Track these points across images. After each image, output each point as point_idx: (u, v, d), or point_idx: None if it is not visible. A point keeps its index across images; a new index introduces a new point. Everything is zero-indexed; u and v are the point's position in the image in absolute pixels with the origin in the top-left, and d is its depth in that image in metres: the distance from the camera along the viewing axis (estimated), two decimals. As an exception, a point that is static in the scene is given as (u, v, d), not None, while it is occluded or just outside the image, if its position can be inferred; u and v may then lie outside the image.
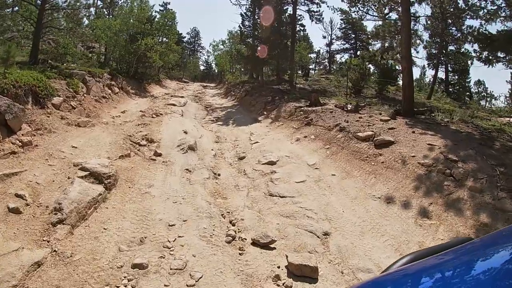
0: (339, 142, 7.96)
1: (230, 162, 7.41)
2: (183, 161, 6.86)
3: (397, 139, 7.48)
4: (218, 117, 13.84)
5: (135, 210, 4.38)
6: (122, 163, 5.88)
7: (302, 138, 8.68)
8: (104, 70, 14.79)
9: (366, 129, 8.17)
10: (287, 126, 10.19)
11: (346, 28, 39.45)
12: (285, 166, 6.81)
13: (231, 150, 8.62)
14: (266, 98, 14.26)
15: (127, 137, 7.72)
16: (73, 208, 3.89)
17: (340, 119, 9.12)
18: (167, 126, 9.66)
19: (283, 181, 6.01)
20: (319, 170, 6.72)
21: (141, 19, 18.40)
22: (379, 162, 6.82)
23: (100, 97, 11.29)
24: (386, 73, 18.33)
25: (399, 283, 0.91)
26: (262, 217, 4.77)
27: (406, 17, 10.47)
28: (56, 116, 7.42)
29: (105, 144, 6.61)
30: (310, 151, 7.81)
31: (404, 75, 10.30)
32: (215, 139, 9.72)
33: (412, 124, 8.62)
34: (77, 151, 5.91)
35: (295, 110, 10.88)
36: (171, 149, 7.51)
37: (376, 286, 0.92)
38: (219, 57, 31.06)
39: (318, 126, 9.08)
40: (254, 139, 9.46)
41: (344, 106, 10.37)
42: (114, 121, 9.47)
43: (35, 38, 11.51)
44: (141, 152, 6.91)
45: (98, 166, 4.98)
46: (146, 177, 5.56)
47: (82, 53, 19.71)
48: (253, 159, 7.54)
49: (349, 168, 6.83)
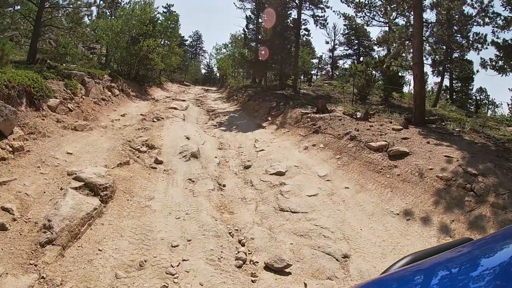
0: (351, 152, 7.55)
1: (235, 172, 6.99)
2: (185, 169, 6.43)
3: (412, 150, 7.10)
4: (220, 122, 13.43)
5: (134, 227, 3.94)
6: (121, 171, 5.44)
7: (310, 146, 8.27)
8: (105, 71, 14.39)
9: (379, 139, 7.78)
10: (293, 134, 9.78)
11: (349, 34, 39.32)
12: (294, 177, 6.38)
13: (236, 158, 8.19)
14: (270, 104, 13.87)
15: (126, 142, 7.30)
16: (64, 226, 3.45)
17: (350, 127, 8.72)
18: (168, 131, 9.24)
19: (294, 194, 5.58)
20: (331, 182, 6.30)
21: (143, 20, 18.05)
22: (395, 175, 6.42)
23: (99, 99, 10.87)
24: (392, 80, 18.01)
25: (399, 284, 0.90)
26: (274, 235, 4.34)
27: (418, 23, 10.13)
28: (52, 119, 7.00)
29: (102, 150, 6.17)
30: (320, 161, 7.40)
31: (416, 83, 9.93)
32: (218, 146, 9.29)
33: (425, 134, 8.25)
34: (72, 158, 5.47)
35: (302, 116, 10.48)
36: (173, 156, 7.09)
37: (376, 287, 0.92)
38: (222, 60, 30.71)
39: (327, 134, 8.67)
40: (259, 146, 9.04)
41: (353, 114, 9.98)
42: (113, 125, 9.04)
43: (34, 37, 11.12)
44: (141, 160, 6.48)
45: (94, 176, 4.55)
46: (146, 188, 5.13)
47: (83, 53, 19.37)
48: (259, 168, 7.11)
49: (363, 181, 6.42)
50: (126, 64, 19.12)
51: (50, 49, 15.39)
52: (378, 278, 0.98)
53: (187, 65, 41.38)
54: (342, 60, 40.96)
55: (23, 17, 12.34)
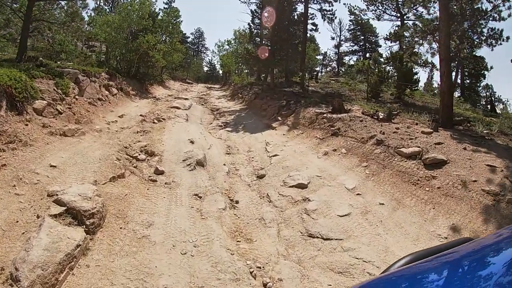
0: (379, 159, 6.61)
1: (248, 182, 6.06)
2: (190, 181, 5.51)
3: (449, 158, 6.18)
4: (226, 122, 12.50)
5: (128, 269, 3.03)
6: (113, 188, 4.53)
7: (330, 151, 7.33)
8: (102, 69, 13.48)
9: (410, 144, 6.84)
10: (308, 136, 8.83)
11: (355, 30, 38.20)
12: (319, 190, 5.45)
13: (246, 164, 7.28)
14: (279, 102, 12.91)
15: (122, 149, 6.39)
16: (35, 277, 2.55)
17: (374, 129, 7.77)
18: (170, 134, 8.32)
19: (322, 214, 4.66)
20: (362, 197, 5.37)
21: (143, 15, 17.08)
22: (435, 188, 5.50)
23: (95, 99, 9.96)
24: (406, 76, 17.00)
25: (398, 283, 0.89)
26: (306, 273, 3.42)
27: (445, 15, 9.12)
28: (37, 124, 6.09)
29: (93, 160, 5.26)
30: (344, 169, 6.46)
31: (444, 80, 8.94)
32: (226, 150, 8.37)
33: (458, 138, 7.31)
34: (55, 172, 4.57)
35: (317, 117, 9.53)
36: (176, 165, 6.17)
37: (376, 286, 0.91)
38: (225, 57, 29.66)
39: (348, 137, 7.73)
40: (272, 150, 8.11)
41: (374, 114, 9.02)
42: (109, 128, 8.14)
43: (23, 32, 10.21)
44: (138, 170, 5.57)
45: (79, 199, 3.64)
46: (144, 210, 4.21)
47: (81, 51, 18.44)
48: (275, 178, 6.18)
49: (399, 195, 5.48)
50: (126, 61, 18.17)
51: (46, 46, 14.52)
52: (378, 278, 0.96)
53: (189, 62, 40.35)
54: (348, 56, 39.97)
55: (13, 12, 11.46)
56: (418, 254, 1.05)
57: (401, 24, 17.87)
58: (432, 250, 1.07)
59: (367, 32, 38.82)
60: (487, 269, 0.84)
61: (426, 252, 1.06)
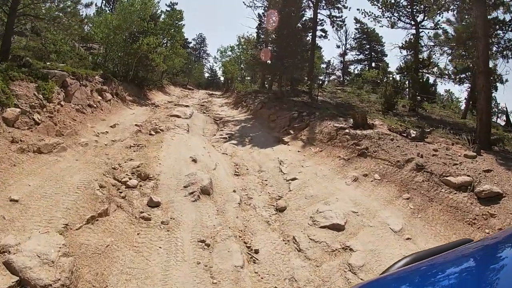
0: (422, 190, 5.44)
1: (265, 217, 4.85)
2: (194, 218, 4.30)
3: (504, 190, 5.10)
4: (231, 134, 11.31)
5: None
6: (91, 236, 3.31)
7: (360, 176, 6.14)
8: (96, 72, 12.32)
9: (456, 171, 5.70)
10: (329, 155, 7.65)
11: (361, 38, 37.40)
12: (359, 233, 4.25)
13: (260, 190, 6.08)
14: (290, 113, 11.75)
15: (109, 170, 5.19)
16: None
17: (409, 151, 6.62)
18: (169, 150, 7.13)
19: (373, 272, 3.45)
20: (413, 243, 4.17)
21: (143, 17, 16.00)
22: (495, 230, 4.39)
23: (84, 105, 8.77)
24: (422, 88, 15.98)
25: (398, 283, 0.89)
26: None
27: (483, 22, 8.06)
28: (5, 137, 4.89)
29: (69, 189, 4.04)
30: (383, 202, 5.28)
31: (482, 96, 7.82)
32: (233, 169, 7.18)
33: (504, 164, 6.21)
34: (15, 210, 3.35)
35: (337, 132, 8.36)
36: (175, 193, 4.97)
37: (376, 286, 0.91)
38: (228, 63, 28.56)
39: (380, 159, 6.56)
40: (288, 171, 6.93)
41: (404, 131, 7.88)
42: (97, 141, 6.93)
43: (7, 28, 9.04)
44: (127, 202, 4.35)
45: (36, 264, 2.44)
46: (132, 273, 2.99)
47: (77, 52, 17.30)
48: (299, 212, 4.98)
49: (456, 239, 4.29)
50: (124, 64, 17.05)
51: (38, 46, 13.38)
52: (378, 278, 0.95)
53: (191, 68, 39.29)
54: (353, 65, 39.10)
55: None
56: (418, 255, 1.03)
57: (416, 32, 16.91)
58: (431, 251, 1.04)
59: (373, 40, 38.09)
60: (487, 270, 0.82)
61: (425, 253, 1.04)
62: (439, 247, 1.10)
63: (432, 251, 1.05)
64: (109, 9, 28.65)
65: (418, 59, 16.84)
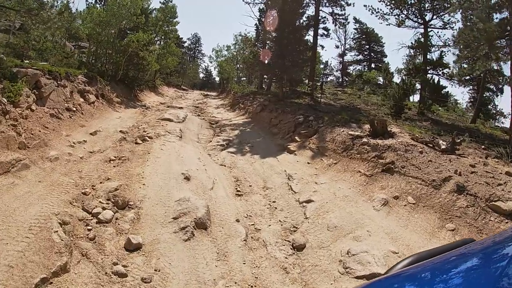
0: (468, 218, 4.38)
1: (281, 260, 3.72)
2: (186, 269, 3.17)
3: None
4: (229, 140, 10.15)
5: None
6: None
7: (391, 199, 5.05)
8: (80, 71, 11.09)
9: (503, 193, 4.67)
10: (347, 169, 6.54)
11: (360, 39, 36.49)
12: None
13: (269, 217, 4.95)
14: (295, 117, 10.63)
15: (78, 197, 4.02)
16: None
17: (444, 167, 5.54)
18: (156, 164, 5.96)
19: None
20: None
21: (134, 11, 14.77)
22: None
23: (61, 109, 7.56)
24: (434, 91, 15.05)
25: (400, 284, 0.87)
26: None
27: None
28: None
29: (19, 231, 2.87)
30: (423, 234, 4.19)
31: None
32: (234, 187, 6.04)
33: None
34: None
35: (352, 141, 7.27)
36: (162, 228, 3.82)
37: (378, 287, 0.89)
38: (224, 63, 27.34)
39: (411, 177, 5.47)
40: (300, 190, 5.81)
41: (431, 142, 6.82)
42: (71, 154, 5.73)
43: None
44: (96, 248, 3.19)
45: None
46: None
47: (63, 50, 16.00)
48: (323, 252, 3.86)
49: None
50: (113, 63, 15.79)
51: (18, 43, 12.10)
52: (380, 279, 0.93)
53: (185, 68, 37.98)
54: (352, 66, 38.17)
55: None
56: (421, 255, 1.02)
57: (424, 31, 15.99)
58: (434, 251, 1.03)
59: (372, 41, 37.25)
60: (490, 270, 0.81)
61: (428, 253, 1.03)
62: (441, 247, 1.06)
63: (435, 251, 1.03)
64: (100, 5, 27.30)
65: (427, 59, 15.94)
